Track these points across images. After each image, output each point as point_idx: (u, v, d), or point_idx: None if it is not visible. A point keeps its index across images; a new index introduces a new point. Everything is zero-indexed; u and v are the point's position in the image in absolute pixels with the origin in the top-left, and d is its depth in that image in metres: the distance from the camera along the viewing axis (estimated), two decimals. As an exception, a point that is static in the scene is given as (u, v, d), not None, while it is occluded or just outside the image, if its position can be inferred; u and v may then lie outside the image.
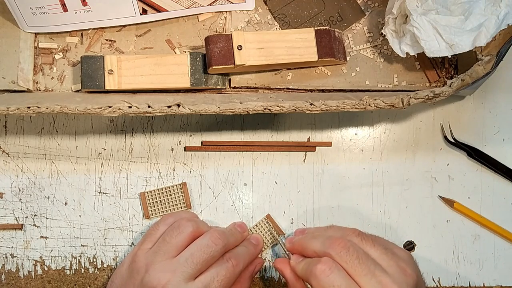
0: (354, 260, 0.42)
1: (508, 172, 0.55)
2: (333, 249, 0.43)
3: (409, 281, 0.42)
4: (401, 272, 0.42)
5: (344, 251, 0.42)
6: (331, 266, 0.42)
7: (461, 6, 0.48)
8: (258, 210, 0.55)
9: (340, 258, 0.42)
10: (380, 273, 0.41)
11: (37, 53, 0.55)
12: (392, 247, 0.46)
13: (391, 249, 0.45)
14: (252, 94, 0.54)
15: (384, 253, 0.43)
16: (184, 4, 0.54)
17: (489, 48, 0.49)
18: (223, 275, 0.45)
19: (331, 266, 0.42)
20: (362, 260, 0.42)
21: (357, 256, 0.42)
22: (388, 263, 0.43)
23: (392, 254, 0.44)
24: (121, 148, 0.55)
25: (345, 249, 0.42)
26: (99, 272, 0.54)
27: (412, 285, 0.42)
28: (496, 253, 0.55)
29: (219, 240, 0.46)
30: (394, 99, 0.46)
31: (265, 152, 0.56)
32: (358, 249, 0.43)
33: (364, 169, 0.56)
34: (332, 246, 0.43)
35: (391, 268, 0.42)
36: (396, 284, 0.41)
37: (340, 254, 0.42)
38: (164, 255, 0.45)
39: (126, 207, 0.55)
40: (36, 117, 0.55)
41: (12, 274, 0.54)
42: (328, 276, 0.42)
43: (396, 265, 0.43)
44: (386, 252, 0.44)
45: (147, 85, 0.52)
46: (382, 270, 0.42)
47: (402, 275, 0.42)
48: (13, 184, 0.55)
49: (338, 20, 0.56)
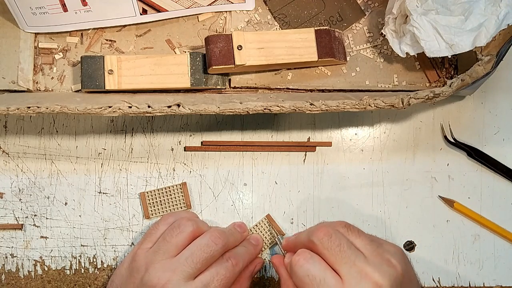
0: (335, 248, 0.41)
1: (508, 172, 0.55)
2: (315, 236, 0.43)
3: (392, 271, 0.41)
4: (384, 262, 0.41)
5: (326, 237, 0.42)
6: (306, 256, 0.42)
7: (461, 6, 0.48)
8: (258, 210, 0.55)
9: (321, 245, 0.42)
10: (361, 262, 0.41)
11: (37, 53, 0.55)
12: (379, 240, 0.45)
13: (377, 241, 0.45)
14: (252, 94, 0.54)
15: (369, 244, 0.43)
16: (184, 4, 0.54)
17: (489, 48, 0.49)
18: (223, 275, 0.45)
19: (306, 256, 0.42)
20: (344, 247, 0.41)
21: (339, 244, 0.42)
22: (372, 253, 0.42)
23: (378, 245, 0.43)
24: (121, 148, 0.55)
25: (327, 235, 0.42)
26: (99, 272, 0.54)
27: (395, 276, 0.41)
28: (496, 253, 0.55)
29: (219, 240, 0.46)
30: (394, 99, 0.46)
31: (265, 152, 0.56)
32: (341, 237, 0.43)
33: (364, 169, 0.56)
34: (315, 233, 0.43)
35: (374, 257, 0.42)
36: (377, 273, 0.40)
37: (321, 240, 0.42)
38: (164, 254, 0.45)
39: (126, 207, 0.55)
40: (36, 117, 0.55)
41: (12, 274, 0.54)
42: (302, 266, 0.42)
43: (380, 256, 0.42)
44: (371, 243, 0.43)
45: (147, 85, 0.52)
46: (364, 259, 0.41)
47: (385, 265, 0.41)
48: (13, 184, 0.55)
49: (338, 20, 0.56)
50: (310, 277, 0.41)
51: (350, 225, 0.45)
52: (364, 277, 0.40)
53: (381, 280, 0.40)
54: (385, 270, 0.41)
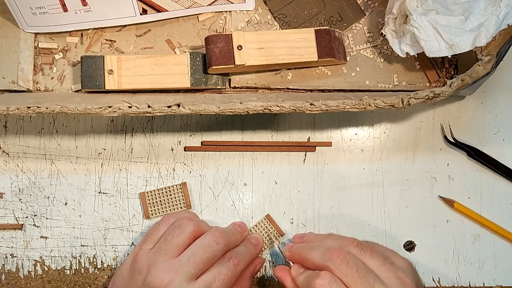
0: (354, 274, 0.41)
1: (508, 172, 0.55)
2: (332, 262, 0.42)
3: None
4: (399, 283, 0.42)
5: (344, 264, 0.42)
6: (329, 280, 0.42)
7: (461, 6, 0.48)
8: (258, 210, 0.55)
9: (339, 272, 0.42)
10: (379, 286, 0.41)
11: (37, 53, 0.55)
12: (391, 256, 0.45)
13: (390, 258, 0.45)
14: (252, 94, 0.54)
15: (383, 264, 0.43)
16: (184, 4, 0.54)
17: (489, 48, 0.49)
18: (224, 274, 0.45)
19: (330, 281, 0.41)
20: (362, 273, 0.41)
21: (357, 270, 0.42)
22: (387, 274, 0.43)
23: (391, 264, 0.44)
24: (121, 148, 0.55)
25: (345, 262, 0.42)
26: (99, 272, 0.54)
27: None
28: (496, 253, 0.55)
29: (220, 239, 0.46)
30: (394, 99, 0.46)
31: (265, 152, 0.56)
32: (357, 261, 0.43)
33: (364, 169, 0.56)
34: (331, 259, 0.43)
35: (390, 279, 0.42)
36: None
37: (339, 267, 0.42)
38: (166, 255, 0.45)
39: (126, 207, 0.55)
40: (36, 117, 0.55)
41: (12, 274, 0.54)
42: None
43: (395, 276, 0.42)
44: (385, 263, 0.43)
45: (147, 85, 0.52)
46: (381, 282, 0.42)
47: (401, 285, 0.42)
48: (13, 184, 0.55)
49: (338, 20, 0.56)
50: None
51: (361, 243, 0.45)
52: None
53: None
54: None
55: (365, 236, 0.55)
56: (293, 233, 0.54)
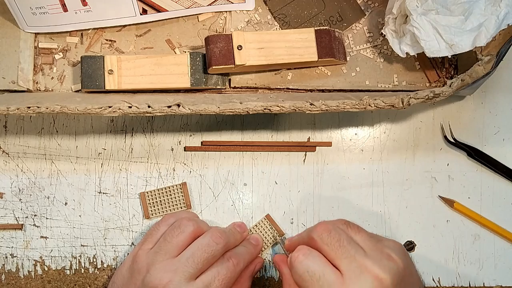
0: (335, 243, 0.41)
1: (508, 172, 0.55)
2: (315, 232, 0.43)
3: (393, 265, 0.41)
4: (384, 257, 0.41)
5: (326, 233, 0.42)
6: (305, 252, 0.42)
7: (461, 6, 0.48)
8: (258, 210, 0.55)
9: (321, 241, 0.42)
10: (361, 257, 0.40)
11: (37, 53, 0.55)
12: (378, 236, 0.45)
13: (377, 237, 0.45)
14: (252, 94, 0.54)
15: (368, 239, 0.43)
16: (184, 4, 0.54)
17: (489, 48, 0.49)
18: (224, 274, 0.45)
19: (305, 252, 0.42)
20: (343, 243, 0.41)
21: (338, 239, 0.42)
22: (371, 248, 0.42)
23: (377, 240, 0.43)
24: (121, 148, 0.55)
25: (327, 231, 0.42)
26: (99, 272, 0.54)
27: (396, 269, 0.41)
28: (496, 253, 0.55)
29: (220, 239, 0.46)
30: (394, 99, 0.46)
31: (265, 152, 0.56)
32: (340, 232, 0.43)
33: (364, 169, 0.56)
34: (315, 230, 0.43)
35: (374, 252, 0.42)
36: (377, 267, 0.40)
37: (321, 236, 0.42)
38: (165, 254, 0.45)
39: (126, 207, 0.55)
40: (36, 117, 0.55)
41: (12, 274, 0.54)
42: (301, 261, 0.42)
43: (380, 251, 0.42)
44: (371, 239, 0.43)
45: (147, 85, 0.52)
46: (364, 253, 0.41)
47: (385, 259, 0.41)
48: (13, 184, 0.55)
49: (338, 20, 0.56)
50: (309, 272, 0.41)
51: (350, 222, 0.46)
52: (364, 271, 0.40)
53: (382, 274, 0.40)
54: (385, 264, 0.41)
55: (365, 236, 0.55)
56: (293, 233, 0.54)
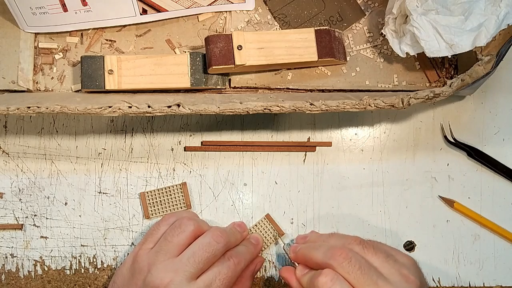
0: (357, 271, 0.41)
1: (508, 172, 0.55)
2: (335, 260, 0.42)
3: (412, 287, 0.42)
4: (403, 279, 0.42)
5: (346, 262, 0.42)
6: (332, 277, 0.41)
7: (461, 6, 0.48)
8: (258, 210, 0.55)
9: (342, 269, 0.42)
10: (382, 282, 0.41)
11: (37, 53, 0.55)
12: (394, 253, 0.45)
13: (393, 255, 0.45)
14: (252, 94, 0.54)
15: (386, 261, 0.43)
16: (184, 4, 0.54)
17: (489, 48, 0.49)
18: (224, 274, 0.45)
19: (333, 278, 0.41)
20: (365, 270, 0.41)
21: (359, 267, 0.41)
22: (390, 271, 0.42)
23: (394, 261, 0.43)
24: (121, 148, 0.55)
25: (347, 259, 0.42)
26: (99, 272, 0.54)
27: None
28: (496, 253, 0.55)
29: (220, 238, 0.46)
30: (394, 99, 0.46)
31: (265, 152, 0.56)
32: (360, 259, 0.42)
33: (364, 169, 0.56)
34: (334, 257, 0.43)
35: (393, 276, 0.42)
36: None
37: (342, 265, 0.42)
38: (166, 254, 0.45)
39: (126, 207, 0.55)
40: (36, 117, 0.55)
41: (12, 274, 0.54)
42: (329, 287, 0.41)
43: (399, 273, 0.42)
44: (388, 260, 0.43)
45: (147, 85, 0.52)
46: (385, 279, 0.41)
47: (404, 282, 0.42)
48: (13, 184, 0.55)
49: (338, 20, 0.56)
50: None
51: (364, 241, 0.45)
52: None
53: None
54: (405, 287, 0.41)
55: (365, 236, 0.55)
56: (293, 233, 0.55)
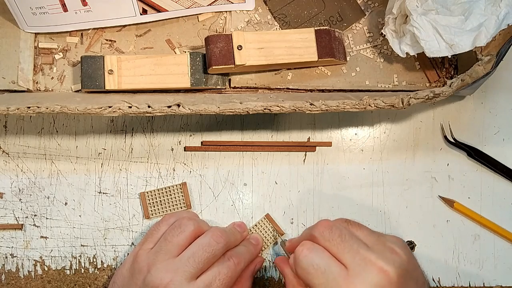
0: (337, 238, 0.42)
1: (508, 172, 0.55)
2: (316, 229, 0.43)
3: (397, 258, 0.41)
4: (387, 250, 0.41)
5: (327, 230, 0.42)
6: (309, 246, 0.42)
7: (461, 6, 0.48)
8: (258, 210, 0.55)
9: (322, 238, 0.42)
10: (364, 250, 0.41)
11: (37, 53, 0.55)
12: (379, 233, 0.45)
13: (378, 233, 0.45)
14: (252, 94, 0.54)
15: (370, 234, 0.43)
16: (184, 4, 0.54)
17: (489, 48, 0.49)
18: (224, 274, 0.45)
19: (309, 246, 0.42)
20: (345, 238, 0.41)
21: (340, 234, 0.42)
22: (374, 242, 0.42)
23: (379, 235, 0.44)
24: (121, 148, 0.55)
25: (328, 228, 0.43)
26: (99, 272, 0.54)
27: (400, 262, 0.41)
28: (496, 253, 0.55)
29: (220, 239, 0.46)
30: (394, 99, 0.46)
31: (265, 152, 0.56)
32: (341, 228, 0.43)
33: (364, 169, 0.56)
34: (316, 228, 0.43)
35: (377, 246, 0.42)
36: (381, 260, 0.40)
37: (322, 233, 0.42)
38: (166, 254, 0.45)
39: (126, 207, 0.55)
40: (36, 117, 0.55)
41: (12, 274, 0.54)
42: (306, 255, 0.42)
43: (382, 244, 0.42)
44: (372, 234, 0.43)
45: (147, 85, 0.52)
46: (367, 247, 0.41)
47: (389, 252, 0.41)
48: (13, 184, 0.55)
49: (338, 20, 0.56)
50: (314, 266, 0.41)
51: (350, 220, 0.46)
52: (368, 264, 0.40)
53: (386, 266, 0.40)
54: (389, 257, 0.41)
55: (365, 236, 0.55)
56: (293, 233, 0.55)
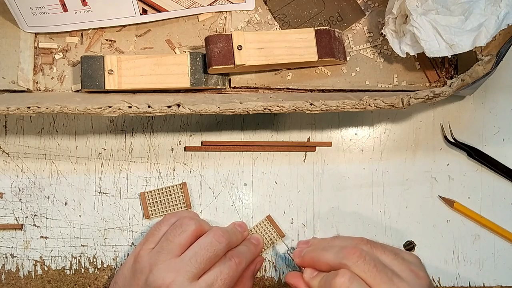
0: (372, 269, 0.41)
1: (508, 172, 0.55)
2: (349, 259, 0.42)
3: (423, 283, 0.42)
4: (414, 276, 0.42)
5: (361, 260, 0.42)
6: (350, 277, 0.41)
7: (461, 6, 0.48)
8: (258, 210, 0.55)
9: (358, 268, 0.41)
10: (397, 279, 0.41)
11: (37, 53, 0.55)
12: (400, 252, 0.45)
13: (400, 254, 0.45)
14: (252, 94, 0.54)
15: (395, 259, 0.43)
16: (184, 4, 0.54)
17: (489, 48, 0.49)
18: (226, 274, 0.45)
19: (350, 278, 0.41)
20: (380, 268, 0.41)
21: (375, 265, 0.41)
22: (400, 268, 0.43)
23: (403, 259, 0.44)
24: (121, 148, 0.55)
25: (362, 258, 0.42)
26: (99, 272, 0.54)
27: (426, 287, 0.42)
28: (496, 253, 0.55)
29: (222, 238, 0.46)
30: (394, 99, 0.46)
31: (265, 152, 0.56)
32: (374, 257, 0.42)
33: (364, 169, 0.56)
34: (348, 257, 0.42)
35: (405, 273, 0.42)
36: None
37: (357, 263, 0.42)
38: (168, 254, 0.45)
39: (126, 207, 0.55)
40: (36, 117, 0.55)
41: (12, 274, 0.54)
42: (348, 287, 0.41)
43: (409, 270, 0.43)
44: (397, 258, 0.43)
45: (147, 85, 0.52)
46: (398, 276, 0.42)
47: (416, 278, 0.42)
48: (13, 184, 0.55)
49: (338, 20, 0.56)
50: None
51: (371, 241, 0.45)
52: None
53: None
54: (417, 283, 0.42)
55: (365, 236, 0.54)
56: (293, 233, 0.55)
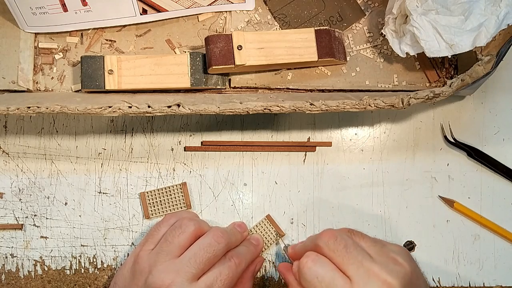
0: (342, 249, 0.41)
1: (508, 172, 0.55)
2: (321, 239, 0.43)
3: (400, 269, 0.41)
4: (390, 261, 0.41)
5: (332, 240, 0.42)
6: (313, 258, 0.42)
7: (461, 6, 0.48)
8: (258, 210, 0.55)
9: (327, 248, 0.42)
10: (368, 262, 0.41)
11: (37, 53, 0.55)
12: (382, 241, 0.45)
13: (381, 242, 0.45)
14: (252, 94, 0.54)
15: (373, 245, 0.43)
16: (184, 4, 0.54)
17: (489, 48, 0.49)
18: (226, 274, 0.45)
19: (314, 258, 0.42)
20: (350, 249, 0.41)
21: (345, 245, 0.42)
22: (377, 253, 0.42)
23: (382, 245, 0.43)
24: (121, 148, 0.55)
25: (333, 238, 0.42)
26: (99, 272, 0.54)
27: (404, 273, 0.41)
28: (496, 253, 0.55)
29: (221, 239, 0.46)
30: (394, 99, 0.46)
31: (265, 152, 0.56)
32: (346, 238, 0.43)
33: (364, 169, 0.56)
34: (320, 237, 0.43)
35: (380, 257, 0.42)
36: (385, 272, 0.40)
37: (327, 243, 0.42)
38: (167, 255, 0.45)
39: (126, 207, 0.55)
40: (36, 117, 0.55)
41: (12, 274, 0.54)
42: (310, 268, 0.42)
43: (386, 255, 0.42)
44: (375, 244, 0.43)
45: (147, 85, 0.52)
46: (371, 259, 0.41)
47: (392, 264, 0.41)
48: (13, 184, 0.55)
49: (338, 20, 0.56)
50: (319, 278, 0.41)
51: (353, 229, 0.46)
52: (372, 276, 0.40)
53: (390, 278, 0.40)
54: (392, 269, 0.41)
55: (365, 236, 0.55)
56: (293, 233, 0.55)
